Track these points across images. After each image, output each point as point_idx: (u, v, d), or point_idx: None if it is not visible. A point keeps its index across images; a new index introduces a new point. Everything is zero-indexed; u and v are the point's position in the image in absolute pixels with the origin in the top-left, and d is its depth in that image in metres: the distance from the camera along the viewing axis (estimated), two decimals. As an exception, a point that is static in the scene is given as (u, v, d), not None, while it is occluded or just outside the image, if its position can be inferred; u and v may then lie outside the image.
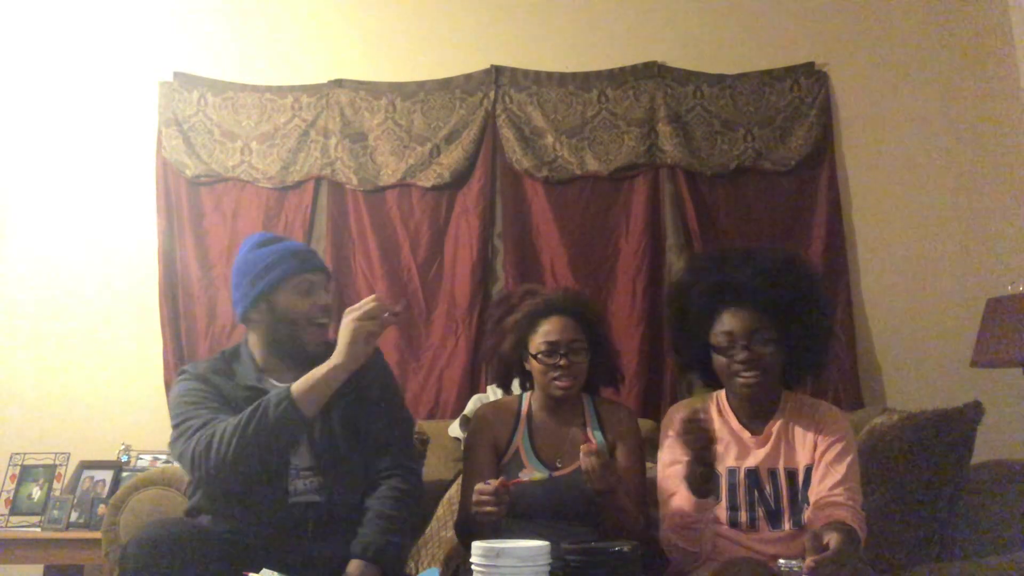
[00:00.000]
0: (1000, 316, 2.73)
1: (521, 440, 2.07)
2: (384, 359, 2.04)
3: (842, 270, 3.22)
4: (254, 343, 1.96)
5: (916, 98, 3.35)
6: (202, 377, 1.89)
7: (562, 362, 2.02)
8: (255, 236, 2.02)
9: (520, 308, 2.14)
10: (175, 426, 1.81)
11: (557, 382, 2.03)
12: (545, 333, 2.06)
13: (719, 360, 1.88)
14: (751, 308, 1.85)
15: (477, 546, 0.93)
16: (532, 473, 1.92)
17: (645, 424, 2.54)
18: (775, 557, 1.57)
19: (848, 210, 3.30)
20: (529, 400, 2.15)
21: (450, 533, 2.28)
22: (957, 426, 2.13)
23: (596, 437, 2.06)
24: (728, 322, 1.86)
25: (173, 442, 1.79)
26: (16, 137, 3.53)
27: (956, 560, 2.03)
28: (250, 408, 1.73)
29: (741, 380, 1.84)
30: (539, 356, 2.04)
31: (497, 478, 1.79)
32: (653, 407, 3.09)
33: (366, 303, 1.76)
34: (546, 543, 1.16)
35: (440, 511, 2.45)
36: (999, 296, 2.80)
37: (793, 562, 1.41)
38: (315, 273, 1.92)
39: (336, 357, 1.76)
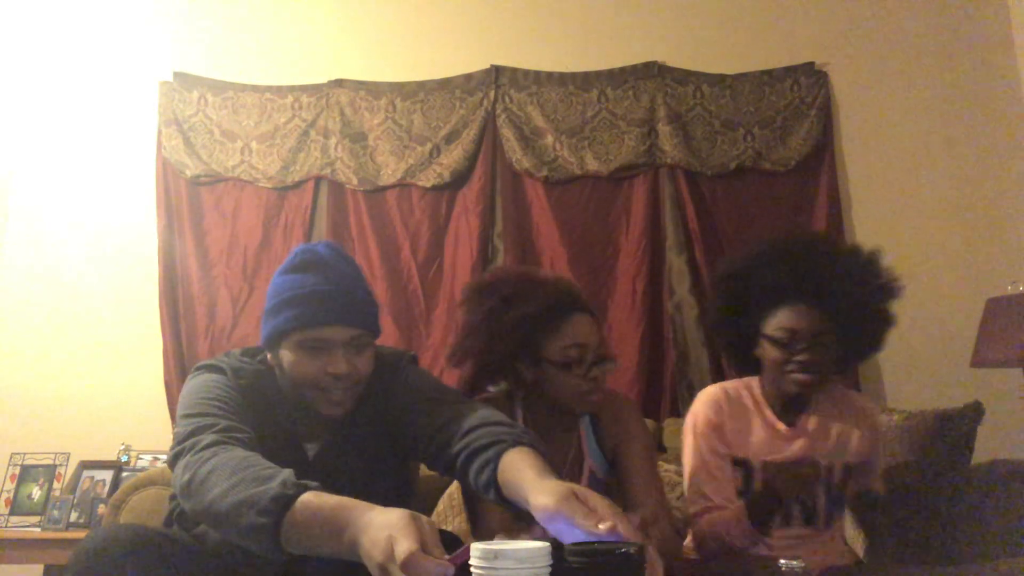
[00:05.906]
0: (1000, 316, 2.73)
1: None
2: (419, 371, 1.63)
3: (842, 270, 3.22)
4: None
5: (916, 98, 3.35)
6: (235, 377, 1.47)
7: (594, 371, 1.69)
8: (297, 250, 1.52)
9: (525, 301, 1.72)
10: (183, 416, 1.37)
11: (591, 397, 1.70)
12: (573, 336, 1.69)
13: (774, 353, 1.78)
14: (819, 307, 1.76)
15: (475, 547, 0.92)
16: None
17: (645, 424, 2.54)
18: (795, 557, 1.55)
19: (848, 210, 3.30)
20: (522, 405, 1.83)
21: (451, 528, 2.28)
22: (957, 426, 2.14)
23: (591, 440, 1.82)
24: (792, 318, 1.76)
25: (175, 446, 1.32)
26: (16, 137, 3.53)
27: (956, 560, 2.03)
28: (236, 491, 1.16)
29: (797, 379, 1.76)
30: (571, 365, 1.68)
31: None
32: (653, 407, 3.10)
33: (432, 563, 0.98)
34: (546, 544, 1.16)
35: (440, 506, 2.46)
36: (999, 296, 2.80)
37: (794, 562, 1.41)
38: (335, 329, 1.43)
39: (352, 542, 1.04)
